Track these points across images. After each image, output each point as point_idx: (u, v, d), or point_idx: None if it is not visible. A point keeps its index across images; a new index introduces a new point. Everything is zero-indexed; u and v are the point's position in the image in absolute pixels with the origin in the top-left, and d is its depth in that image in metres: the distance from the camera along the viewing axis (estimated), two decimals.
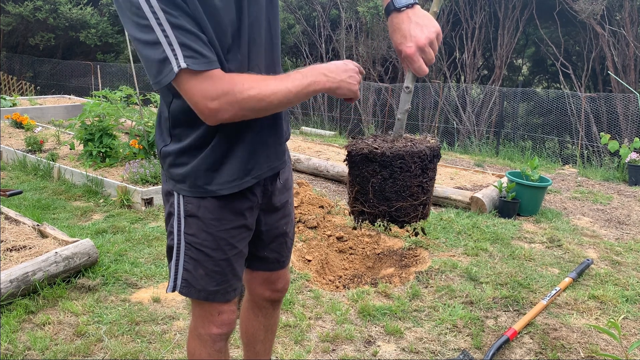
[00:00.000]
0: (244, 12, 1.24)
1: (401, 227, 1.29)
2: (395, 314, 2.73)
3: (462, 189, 4.89)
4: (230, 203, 1.37)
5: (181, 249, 1.39)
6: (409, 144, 1.28)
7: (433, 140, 1.34)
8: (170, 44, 1.09)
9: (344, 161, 1.34)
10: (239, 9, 1.23)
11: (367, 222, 1.30)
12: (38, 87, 14.67)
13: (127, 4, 1.10)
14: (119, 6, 1.14)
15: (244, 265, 1.54)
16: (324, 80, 1.22)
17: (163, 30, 1.08)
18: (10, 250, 3.04)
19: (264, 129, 1.38)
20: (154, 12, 1.07)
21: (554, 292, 2.88)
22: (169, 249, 1.42)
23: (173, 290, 1.42)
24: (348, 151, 1.31)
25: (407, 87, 1.25)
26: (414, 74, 1.23)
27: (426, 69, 1.20)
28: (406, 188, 1.25)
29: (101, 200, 4.57)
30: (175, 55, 1.09)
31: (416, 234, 1.36)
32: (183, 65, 1.09)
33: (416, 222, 1.29)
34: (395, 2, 1.21)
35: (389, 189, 1.25)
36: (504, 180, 4.80)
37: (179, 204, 1.38)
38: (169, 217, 1.42)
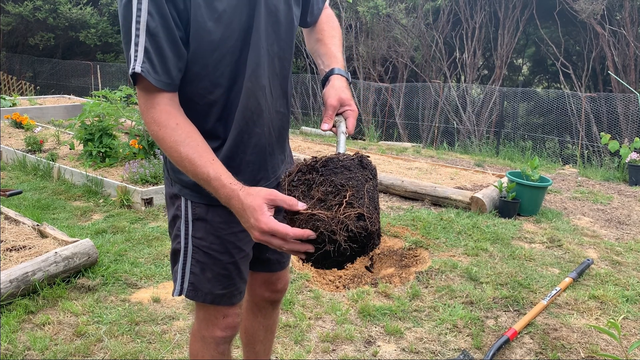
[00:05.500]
0: (258, 15, 1.23)
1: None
2: (395, 314, 2.73)
3: (462, 189, 4.88)
4: None
5: (188, 252, 1.37)
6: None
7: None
8: (136, 44, 1.11)
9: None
10: (250, 15, 1.22)
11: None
12: (38, 87, 14.66)
13: None
14: None
15: None
16: (235, 209, 1.14)
17: (137, 29, 1.10)
18: (10, 250, 3.04)
19: (272, 139, 1.37)
20: (139, 9, 1.09)
21: (554, 292, 2.88)
22: (175, 253, 1.40)
23: (180, 294, 1.39)
24: None
25: (345, 132, 1.33)
26: (346, 126, 1.33)
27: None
28: None
29: (101, 200, 4.56)
30: (136, 57, 1.11)
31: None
32: (138, 69, 1.11)
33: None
34: (339, 70, 1.38)
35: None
36: (504, 180, 4.79)
37: (186, 207, 1.36)
38: (174, 220, 1.39)
